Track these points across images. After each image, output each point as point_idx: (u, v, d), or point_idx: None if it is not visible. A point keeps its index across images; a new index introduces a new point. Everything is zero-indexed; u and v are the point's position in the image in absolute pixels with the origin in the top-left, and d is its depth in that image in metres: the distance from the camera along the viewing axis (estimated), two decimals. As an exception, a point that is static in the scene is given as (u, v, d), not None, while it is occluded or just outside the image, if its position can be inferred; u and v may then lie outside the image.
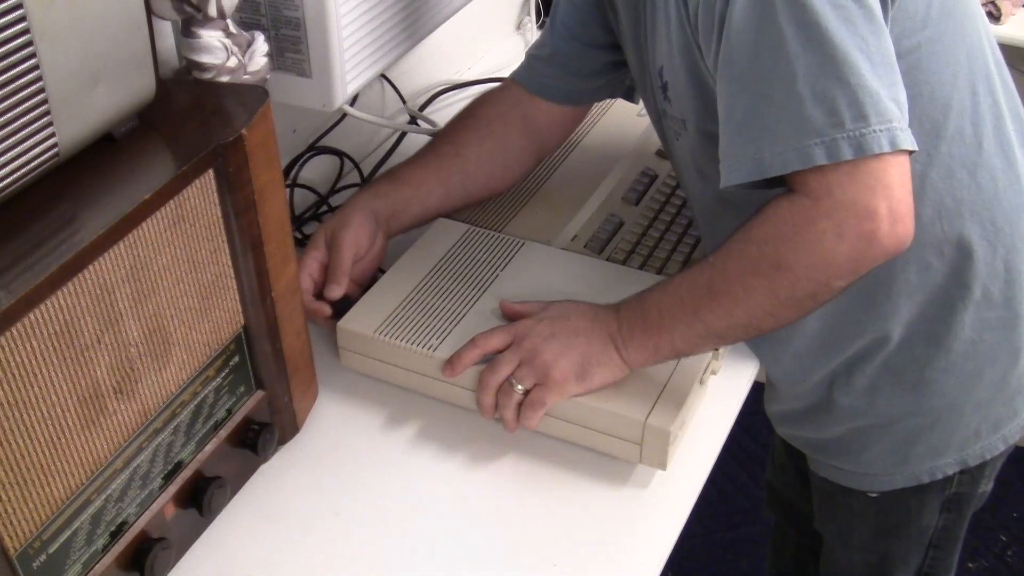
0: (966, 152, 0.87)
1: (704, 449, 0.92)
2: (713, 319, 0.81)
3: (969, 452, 0.99)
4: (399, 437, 0.93)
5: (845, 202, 0.73)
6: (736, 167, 0.77)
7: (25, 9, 0.59)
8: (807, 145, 0.73)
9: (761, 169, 0.76)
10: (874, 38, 0.73)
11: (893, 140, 0.72)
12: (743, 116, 0.76)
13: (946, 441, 0.98)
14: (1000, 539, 1.96)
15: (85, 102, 0.67)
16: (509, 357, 0.88)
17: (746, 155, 0.76)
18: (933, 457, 0.99)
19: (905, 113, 0.75)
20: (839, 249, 0.74)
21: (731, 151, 0.78)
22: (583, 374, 0.86)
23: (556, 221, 1.11)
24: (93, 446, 0.69)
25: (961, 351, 0.93)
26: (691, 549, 1.93)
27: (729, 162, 0.78)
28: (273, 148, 0.77)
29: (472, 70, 1.52)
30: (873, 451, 1.00)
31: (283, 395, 0.88)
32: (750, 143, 0.76)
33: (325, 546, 0.84)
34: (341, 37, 0.95)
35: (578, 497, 0.88)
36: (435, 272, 1.01)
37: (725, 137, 0.78)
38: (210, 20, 0.82)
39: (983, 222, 0.89)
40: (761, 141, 0.75)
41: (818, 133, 0.72)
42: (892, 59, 0.75)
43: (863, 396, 0.96)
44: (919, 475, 1.00)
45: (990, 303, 0.92)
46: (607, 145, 1.23)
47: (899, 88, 0.75)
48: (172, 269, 0.72)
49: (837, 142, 0.72)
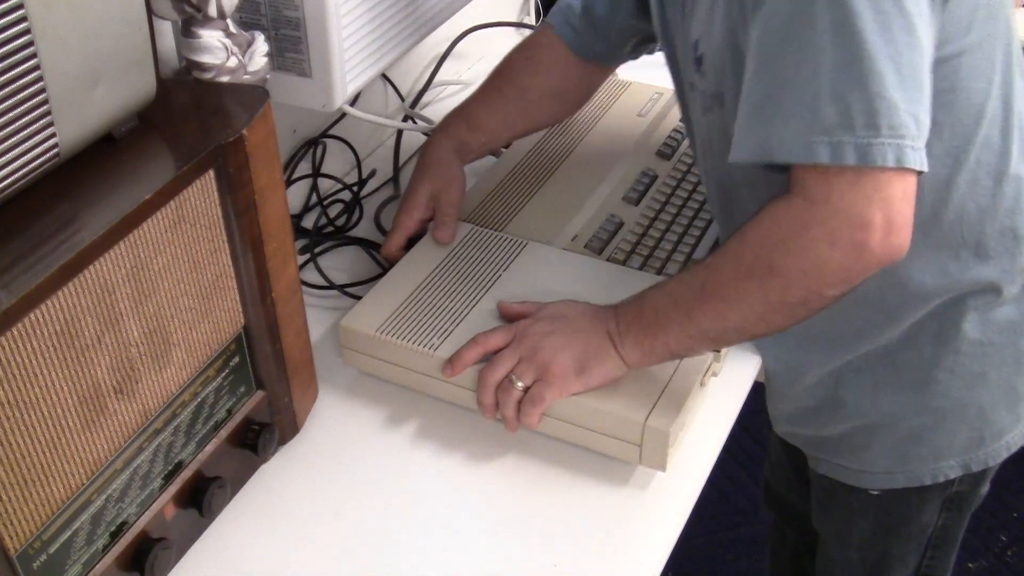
0: (993, 160, 0.86)
1: (704, 449, 0.92)
2: (705, 321, 0.81)
3: (972, 456, 0.99)
4: (400, 437, 0.93)
5: (841, 209, 0.73)
6: (744, 145, 0.77)
7: (25, 9, 0.59)
8: (813, 141, 0.72)
9: (765, 152, 0.75)
10: (908, 51, 0.72)
11: (900, 156, 0.71)
12: (760, 97, 0.76)
13: (949, 444, 0.98)
14: (1000, 539, 1.96)
15: (85, 102, 0.67)
16: (508, 354, 0.88)
17: (755, 135, 0.76)
18: (935, 459, 0.99)
19: (924, 131, 0.73)
20: (831, 256, 0.74)
21: (742, 129, 0.77)
22: (582, 370, 0.86)
23: (556, 221, 1.11)
24: (93, 446, 0.69)
25: (969, 353, 0.93)
26: (691, 549, 1.93)
27: (739, 139, 0.78)
28: (273, 148, 0.77)
29: (472, 70, 1.52)
30: (875, 449, 1.00)
31: (283, 395, 0.88)
32: (761, 125, 0.75)
33: (325, 546, 0.84)
34: (341, 37, 0.95)
35: (578, 497, 0.88)
36: (438, 272, 1.01)
37: (741, 113, 0.78)
38: (210, 20, 0.82)
39: (1003, 230, 0.89)
40: (772, 125, 0.75)
41: (826, 132, 0.72)
42: (923, 75, 0.74)
43: (868, 394, 0.96)
44: (921, 476, 1.00)
45: (1002, 307, 0.92)
46: (607, 145, 1.23)
47: (922, 105, 0.73)
48: (172, 269, 0.72)
49: (843, 145, 0.71)
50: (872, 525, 1.07)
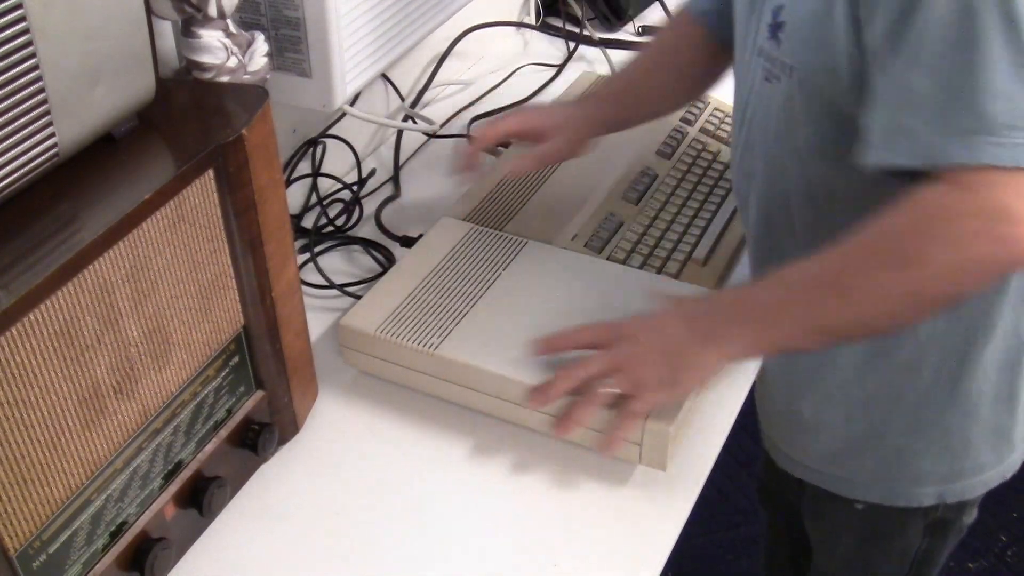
0: None
1: (704, 449, 0.92)
2: (828, 314, 0.77)
3: (948, 488, 0.98)
4: (399, 437, 0.93)
5: (998, 204, 0.70)
6: (892, 146, 0.74)
7: (25, 9, 0.59)
8: (978, 142, 0.70)
9: (920, 153, 0.72)
10: None
11: None
12: (918, 98, 0.72)
13: (929, 470, 0.97)
14: (1000, 539, 1.96)
15: (85, 102, 0.67)
16: (601, 359, 0.85)
17: (914, 138, 0.72)
18: (914, 482, 0.98)
19: None
20: (981, 249, 0.70)
21: (890, 128, 0.74)
22: (675, 381, 0.83)
23: (556, 220, 1.11)
24: (93, 446, 0.69)
25: (967, 388, 0.92)
26: (691, 549, 1.93)
27: (884, 139, 0.74)
28: (273, 148, 0.77)
29: (472, 70, 1.52)
30: (859, 461, 0.99)
31: (283, 395, 0.88)
32: (918, 125, 0.72)
33: (325, 546, 0.84)
34: (341, 37, 0.96)
35: (578, 497, 0.88)
36: (438, 270, 1.01)
37: (884, 112, 0.74)
38: (210, 20, 0.83)
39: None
40: (931, 126, 0.71)
41: (993, 132, 0.69)
42: None
43: (859, 408, 0.96)
44: (896, 496, 0.99)
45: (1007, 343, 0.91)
46: (607, 145, 1.22)
47: None
48: (172, 269, 0.72)
49: (1009, 147, 0.69)
50: (857, 538, 1.07)
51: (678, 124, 1.27)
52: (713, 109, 1.32)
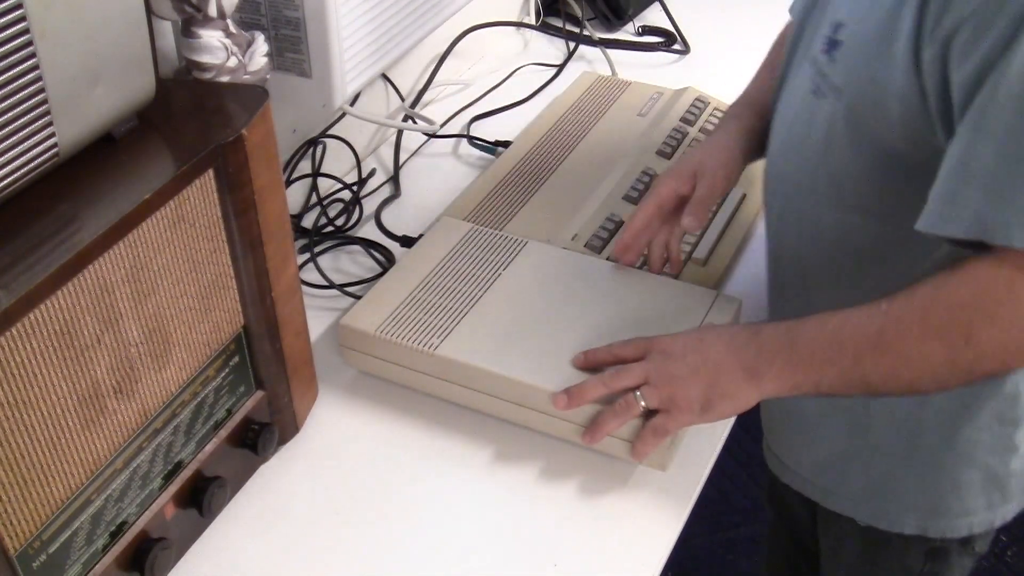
0: None
1: (704, 449, 0.92)
2: (874, 372, 0.76)
3: (930, 524, 0.97)
4: (399, 437, 0.93)
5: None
6: (952, 218, 0.71)
7: (25, 9, 0.59)
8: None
9: (979, 230, 0.70)
10: None
11: None
12: (983, 170, 0.70)
13: (915, 502, 0.97)
14: (1000, 539, 1.96)
15: (85, 102, 0.67)
16: (638, 371, 0.84)
17: (969, 210, 0.70)
18: (899, 509, 0.98)
19: None
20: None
21: (952, 199, 0.71)
22: (708, 407, 0.82)
23: (556, 220, 1.11)
24: (93, 446, 0.69)
25: (967, 434, 0.92)
26: (691, 549, 1.93)
27: (945, 209, 0.72)
28: (273, 148, 0.77)
29: (472, 70, 1.52)
30: (849, 476, 0.99)
31: (283, 395, 0.88)
32: (980, 200, 0.70)
33: (325, 546, 0.84)
34: (341, 37, 0.96)
35: (578, 497, 0.88)
36: (438, 270, 1.01)
37: (949, 181, 0.72)
38: (210, 20, 0.83)
39: None
40: (993, 203, 0.69)
41: None
42: None
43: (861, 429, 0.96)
44: (878, 518, 0.99)
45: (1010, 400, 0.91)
46: (607, 145, 1.23)
47: None
48: (172, 269, 0.72)
49: None
50: (859, 553, 1.06)
51: (678, 124, 1.27)
52: (713, 109, 1.32)
